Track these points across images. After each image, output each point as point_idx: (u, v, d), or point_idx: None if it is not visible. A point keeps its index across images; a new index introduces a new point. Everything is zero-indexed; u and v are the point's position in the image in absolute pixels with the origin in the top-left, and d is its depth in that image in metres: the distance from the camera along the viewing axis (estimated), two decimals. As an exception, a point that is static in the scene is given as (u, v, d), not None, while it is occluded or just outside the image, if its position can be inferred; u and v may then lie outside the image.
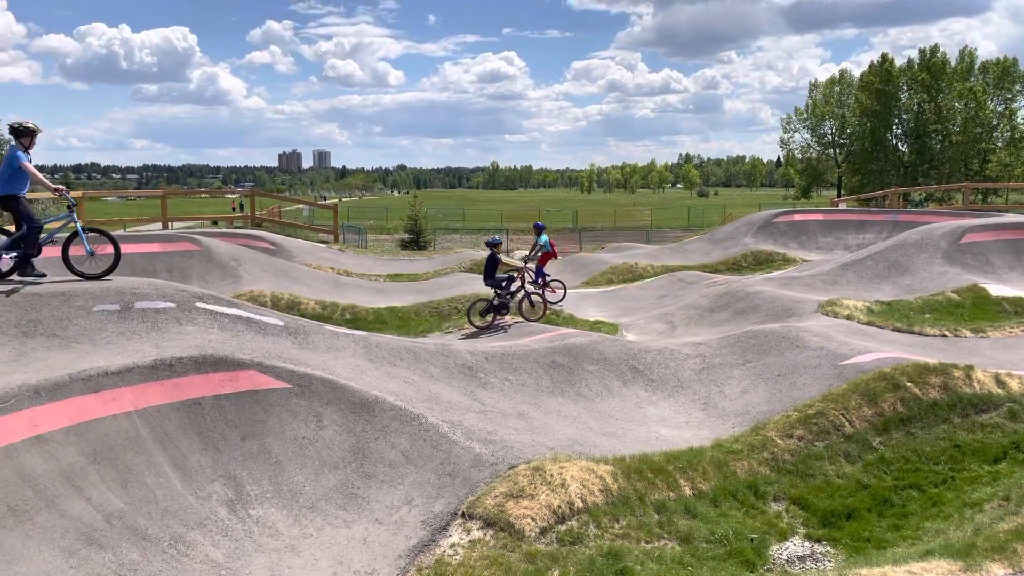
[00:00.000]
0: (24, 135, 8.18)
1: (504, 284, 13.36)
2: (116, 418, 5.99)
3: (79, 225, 8.30)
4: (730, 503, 6.50)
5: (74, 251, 8.31)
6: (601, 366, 9.59)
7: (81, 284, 8.01)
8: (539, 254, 15.89)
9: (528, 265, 15.36)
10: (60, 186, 8.33)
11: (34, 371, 6.21)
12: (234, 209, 26.56)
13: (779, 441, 7.39)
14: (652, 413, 8.85)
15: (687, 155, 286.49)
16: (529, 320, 13.21)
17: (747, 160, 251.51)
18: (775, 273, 18.29)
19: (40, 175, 8.13)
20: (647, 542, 5.77)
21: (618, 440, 7.76)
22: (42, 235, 8.36)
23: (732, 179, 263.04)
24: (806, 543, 6.14)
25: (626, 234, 45.44)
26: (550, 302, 14.72)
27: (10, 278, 8.11)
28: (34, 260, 8.31)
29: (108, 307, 7.58)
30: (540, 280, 15.60)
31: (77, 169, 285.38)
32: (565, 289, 16.14)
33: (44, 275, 8.20)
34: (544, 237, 15.89)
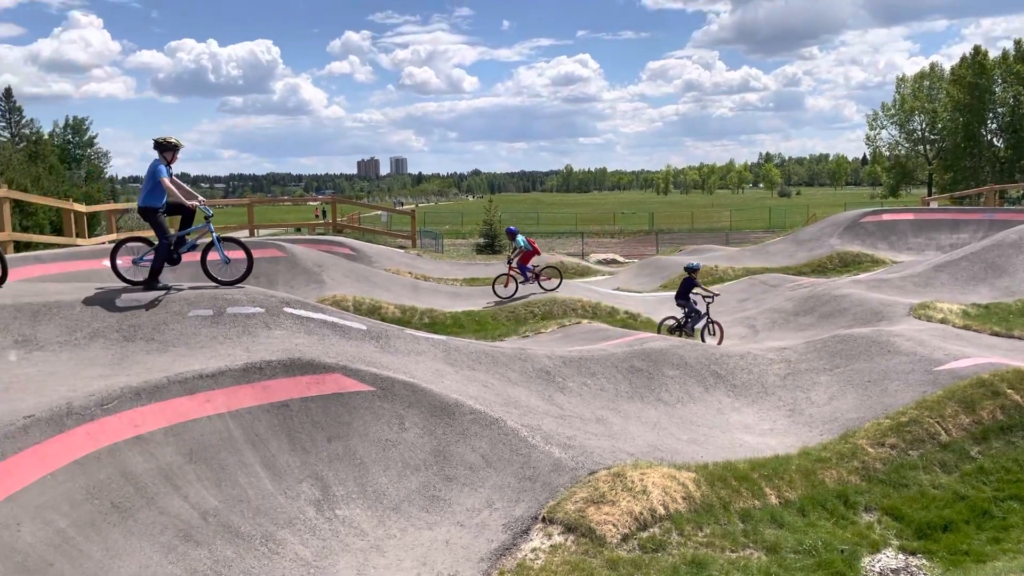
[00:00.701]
0: (167, 150, 8.50)
1: (694, 309, 13.51)
2: (210, 419, 6.23)
3: (215, 235, 8.64)
4: (818, 513, 6.32)
5: (211, 258, 8.66)
6: (681, 371, 9.46)
7: (177, 291, 8.36)
8: (520, 255, 16.60)
9: (512, 266, 16.49)
10: (195, 201, 8.55)
11: (135, 374, 6.51)
12: (317, 216, 27.28)
13: (870, 449, 7.15)
14: (735, 419, 8.68)
15: (767, 154, 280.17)
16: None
17: (831, 158, 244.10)
18: (863, 275, 17.71)
19: (176, 190, 8.38)
20: (732, 551, 5.66)
21: (700, 447, 7.64)
22: (186, 241, 8.75)
23: (815, 178, 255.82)
24: (900, 555, 5.91)
25: (704, 236, 44.73)
26: (546, 290, 15.97)
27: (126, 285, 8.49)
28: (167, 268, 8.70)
29: (202, 312, 7.90)
30: (530, 274, 16.37)
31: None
32: (561, 277, 16.91)
33: (167, 288, 8.51)
34: (520, 239, 16.78)
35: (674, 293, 18.41)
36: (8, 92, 53.49)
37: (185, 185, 8.63)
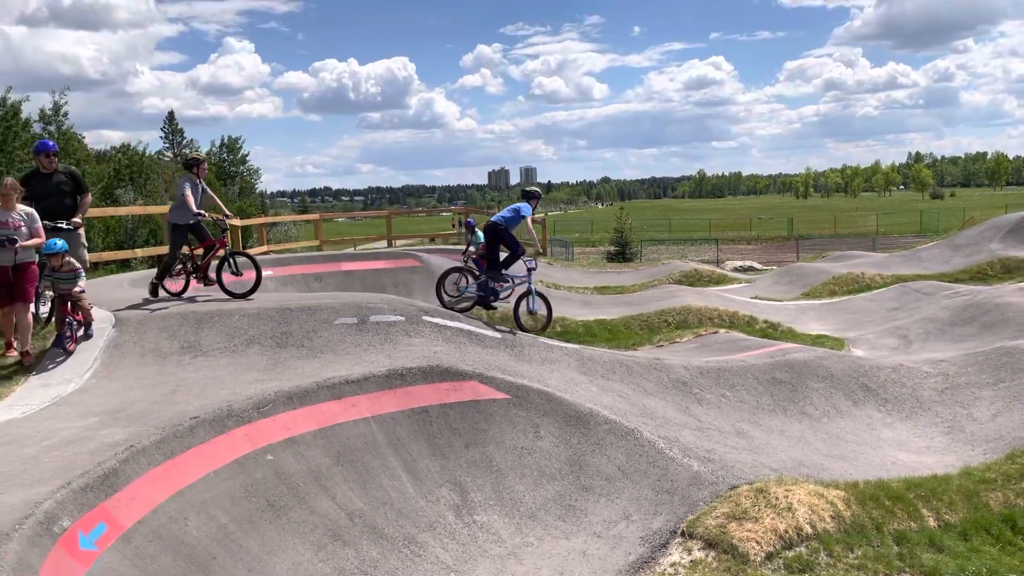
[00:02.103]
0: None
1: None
2: (356, 423, 6.50)
3: (228, 249, 9.16)
4: (982, 537, 5.86)
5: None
6: (827, 383, 9.03)
7: (324, 301, 8.79)
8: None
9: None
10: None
11: (287, 379, 6.89)
12: (453, 226, 28.00)
13: (1042, 472, 6.57)
14: (887, 436, 8.19)
15: (917, 154, 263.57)
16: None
17: (989, 157, 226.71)
18: (1029, 282, 16.35)
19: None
20: (886, 575, 5.33)
21: (849, 464, 7.26)
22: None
23: (971, 178, 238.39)
24: (1080, 590, 5.39)
25: (849, 241, 42.59)
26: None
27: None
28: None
29: (347, 320, 8.26)
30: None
31: (312, 193, 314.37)
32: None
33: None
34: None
35: (818, 302, 17.66)
36: (171, 115, 58.02)
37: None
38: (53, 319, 7.99)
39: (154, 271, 10.52)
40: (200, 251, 9.43)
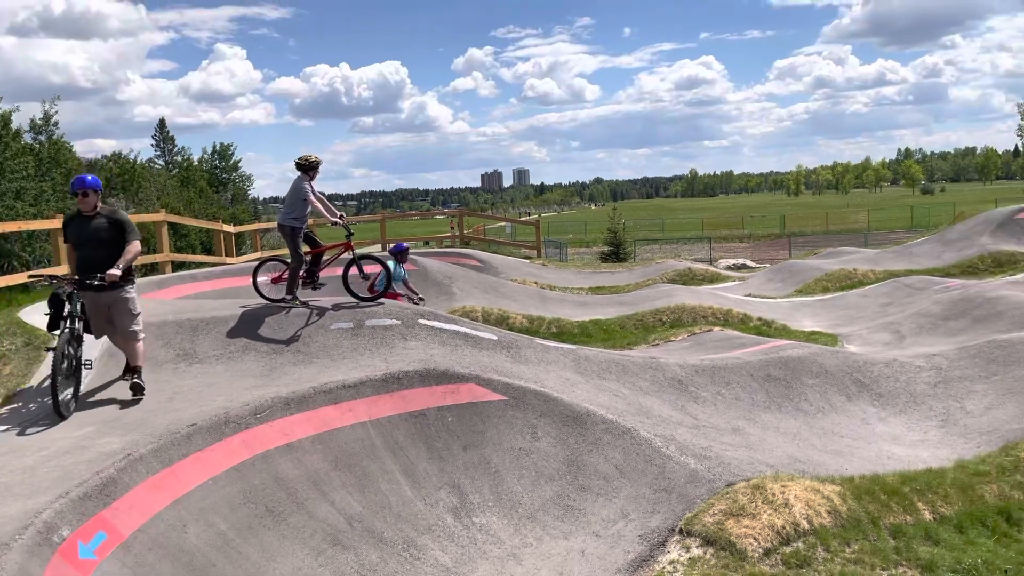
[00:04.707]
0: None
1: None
2: (353, 427, 6.52)
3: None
4: (978, 530, 5.90)
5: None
6: (822, 379, 9.07)
7: (317, 304, 8.79)
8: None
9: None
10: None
11: (283, 384, 6.90)
12: (452, 228, 28.17)
13: (1036, 464, 6.61)
14: (881, 430, 8.24)
15: (907, 150, 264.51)
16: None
17: (978, 152, 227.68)
18: (1021, 276, 16.45)
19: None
20: (883, 569, 5.37)
21: (844, 459, 7.30)
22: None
23: (961, 173, 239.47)
24: (1075, 580, 5.43)
25: (841, 238, 42.71)
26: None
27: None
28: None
29: (343, 325, 8.27)
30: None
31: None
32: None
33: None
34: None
35: (811, 299, 17.72)
36: (162, 123, 57.80)
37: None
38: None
39: (148, 279, 10.48)
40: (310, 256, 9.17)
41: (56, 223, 10.99)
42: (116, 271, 6.51)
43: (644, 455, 6.68)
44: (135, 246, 6.76)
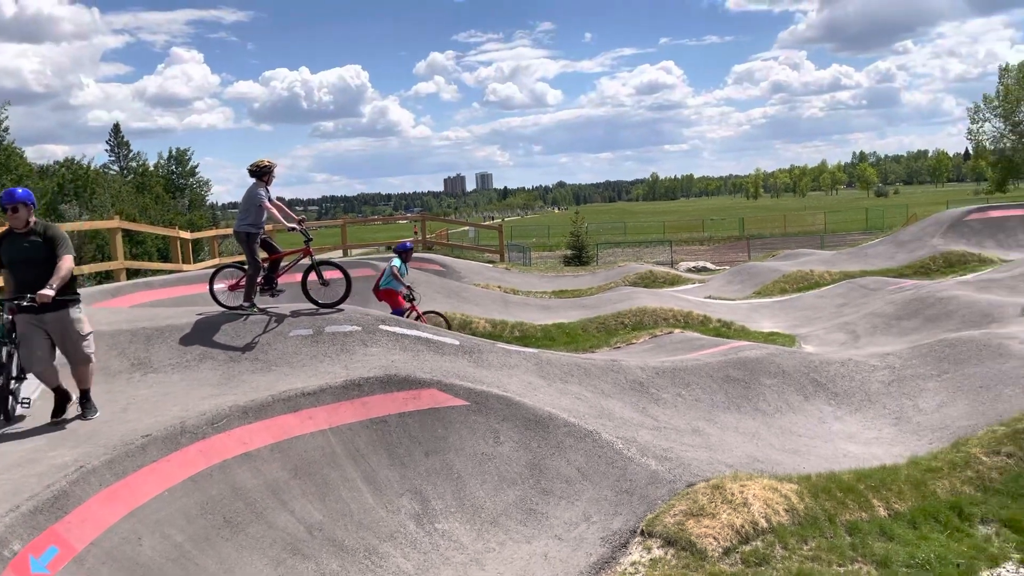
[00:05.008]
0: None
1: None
2: (313, 435, 6.45)
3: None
4: (931, 525, 6.03)
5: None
6: (779, 380, 9.21)
7: (277, 311, 8.69)
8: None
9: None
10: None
11: (241, 393, 6.80)
12: (416, 233, 28.06)
13: (985, 458, 6.78)
14: (837, 429, 8.39)
15: (861, 153, 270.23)
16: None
17: (930, 155, 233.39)
18: (970, 276, 16.89)
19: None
20: (840, 565, 5.47)
21: (801, 457, 7.42)
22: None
23: (914, 176, 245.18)
24: (1021, 570, 5.58)
25: (798, 240, 43.43)
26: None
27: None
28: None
29: (302, 332, 8.19)
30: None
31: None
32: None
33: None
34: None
35: (770, 300, 17.98)
36: (116, 128, 56.80)
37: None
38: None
39: (102, 287, 10.23)
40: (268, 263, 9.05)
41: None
42: (48, 291, 5.93)
43: (606, 457, 6.71)
44: (67, 262, 6.15)
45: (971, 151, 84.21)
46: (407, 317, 11.83)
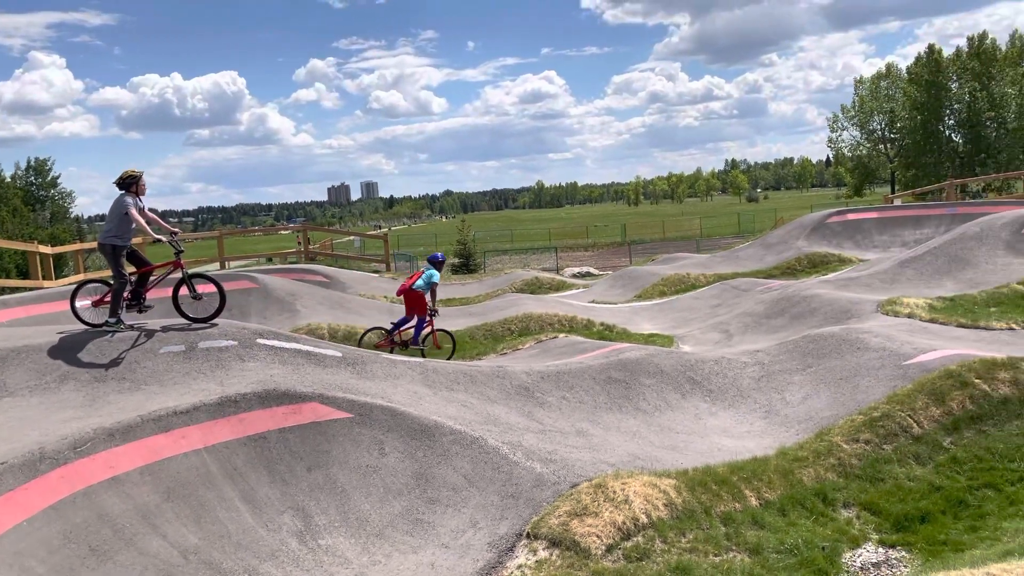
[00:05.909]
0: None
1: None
2: (187, 456, 6.18)
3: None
4: (798, 512, 6.39)
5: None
6: (658, 379, 9.52)
7: (146, 327, 8.29)
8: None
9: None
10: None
11: (107, 414, 6.45)
12: (299, 244, 27.39)
13: (845, 446, 7.24)
14: (713, 424, 8.75)
15: (733, 161, 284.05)
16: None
17: (796, 162, 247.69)
18: (831, 275, 17.96)
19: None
20: (715, 555, 5.70)
21: (680, 453, 7.70)
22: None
23: (781, 182, 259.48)
24: (880, 549, 5.99)
25: (676, 244, 45.12)
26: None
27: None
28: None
29: (174, 348, 7.84)
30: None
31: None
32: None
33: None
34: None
35: (650, 303, 18.59)
36: (-32, 137, 52.75)
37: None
38: None
39: None
40: (136, 276, 8.57)
41: None
42: None
43: (492, 463, 6.75)
44: None
45: (832, 158, 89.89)
46: (423, 330, 12.62)
